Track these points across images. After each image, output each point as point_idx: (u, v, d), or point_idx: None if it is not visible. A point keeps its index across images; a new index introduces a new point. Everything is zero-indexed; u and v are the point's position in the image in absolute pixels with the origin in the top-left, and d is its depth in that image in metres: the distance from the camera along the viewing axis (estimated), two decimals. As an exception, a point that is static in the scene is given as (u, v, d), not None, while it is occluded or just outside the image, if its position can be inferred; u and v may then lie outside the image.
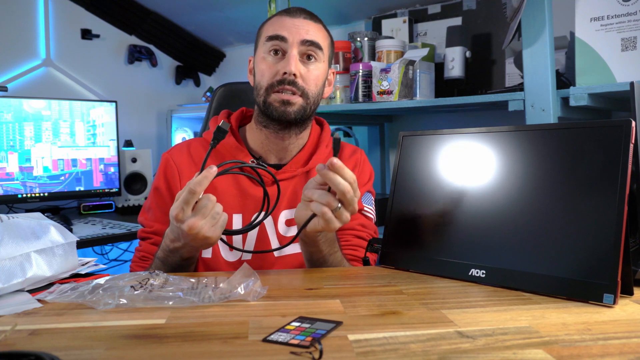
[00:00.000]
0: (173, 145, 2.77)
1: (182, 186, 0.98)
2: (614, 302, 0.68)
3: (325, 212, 0.82)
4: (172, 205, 0.85)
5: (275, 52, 1.05)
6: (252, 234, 1.08)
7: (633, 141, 0.73)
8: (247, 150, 1.12)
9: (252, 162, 1.08)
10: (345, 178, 0.81)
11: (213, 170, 0.83)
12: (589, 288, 0.71)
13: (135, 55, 2.82)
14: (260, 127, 1.11)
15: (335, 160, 0.80)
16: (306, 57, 1.05)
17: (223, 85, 1.55)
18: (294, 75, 1.03)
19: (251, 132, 1.14)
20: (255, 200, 1.07)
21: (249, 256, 1.08)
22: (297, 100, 1.04)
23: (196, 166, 1.10)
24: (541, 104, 1.43)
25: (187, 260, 0.95)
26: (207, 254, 1.08)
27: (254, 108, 1.15)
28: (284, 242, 1.09)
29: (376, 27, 2.21)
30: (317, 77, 1.06)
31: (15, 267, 0.76)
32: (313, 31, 1.05)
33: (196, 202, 0.83)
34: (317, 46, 1.05)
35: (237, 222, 1.07)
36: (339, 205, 0.83)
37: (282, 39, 1.03)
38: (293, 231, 1.10)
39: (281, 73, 1.03)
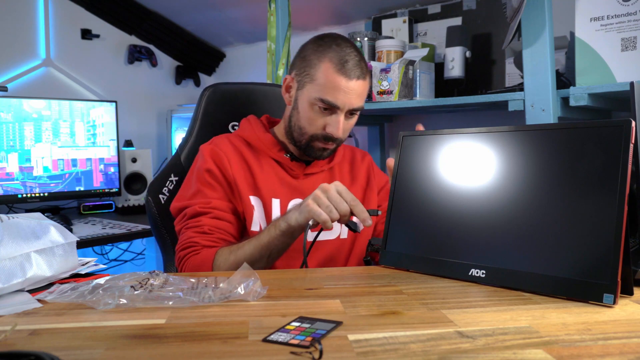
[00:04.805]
0: (173, 144, 2.79)
1: (234, 171, 1.17)
2: (614, 302, 0.68)
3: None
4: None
5: (325, 109, 1.14)
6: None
7: (633, 141, 0.73)
8: (281, 146, 1.23)
9: (287, 156, 1.23)
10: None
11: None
12: (589, 288, 0.71)
13: (135, 55, 2.82)
14: (290, 141, 1.23)
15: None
16: (349, 113, 1.17)
17: (212, 85, 1.45)
18: None
19: (280, 136, 1.26)
20: (290, 188, 1.21)
21: None
22: (333, 147, 1.20)
23: (239, 155, 1.19)
24: (541, 104, 1.43)
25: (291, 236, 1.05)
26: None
27: (283, 118, 1.25)
28: None
29: (376, 27, 2.21)
30: (352, 125, 1.21)
31: (15, 267, 0.76)
32: (362, 92, 1.15)
33: None
34: (361, 109, 1.18)
35: (276, 205, 1.18)
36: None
37: (335, 106, 1.13)
38: None
39: (327, 131, 1.15)
